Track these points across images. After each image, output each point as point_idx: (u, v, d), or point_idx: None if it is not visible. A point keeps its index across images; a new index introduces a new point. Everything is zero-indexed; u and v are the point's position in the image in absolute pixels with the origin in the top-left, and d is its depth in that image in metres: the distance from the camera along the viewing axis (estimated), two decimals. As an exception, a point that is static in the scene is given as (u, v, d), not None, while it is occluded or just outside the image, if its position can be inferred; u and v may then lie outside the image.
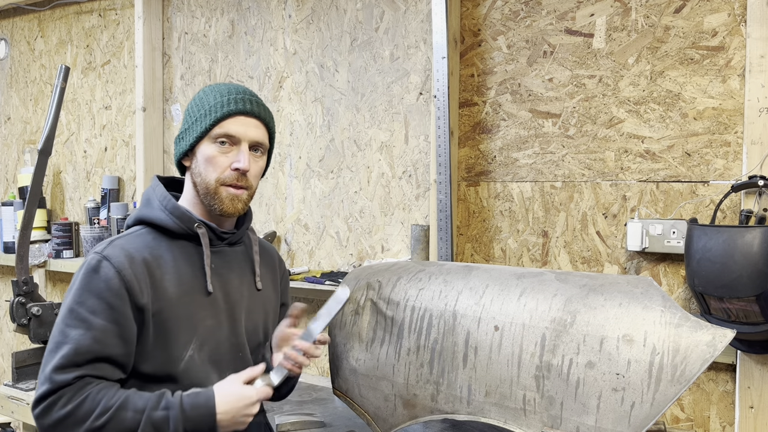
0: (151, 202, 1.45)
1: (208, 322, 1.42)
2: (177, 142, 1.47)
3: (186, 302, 1.39)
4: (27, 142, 3.62)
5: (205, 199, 1.42)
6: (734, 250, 1.66)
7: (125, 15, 3.19)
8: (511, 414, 1.41)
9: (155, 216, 1.42)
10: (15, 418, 2.43)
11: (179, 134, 1.46)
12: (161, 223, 1.41)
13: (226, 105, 1.40)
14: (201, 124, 1.40)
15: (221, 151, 1.40)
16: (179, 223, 1.41)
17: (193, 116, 1.43)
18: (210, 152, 1.40)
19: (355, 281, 1.75)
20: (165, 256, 1.39)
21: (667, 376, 1.26)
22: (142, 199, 1.48)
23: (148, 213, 1.43)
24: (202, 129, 1.40)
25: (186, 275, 1.41)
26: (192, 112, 1.44)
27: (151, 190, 1.47)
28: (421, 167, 2.38)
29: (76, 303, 1.30)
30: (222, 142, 1.40)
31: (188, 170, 1.46)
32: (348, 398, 1.71)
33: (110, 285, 1.30)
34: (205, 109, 1.41)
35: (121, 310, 1.31)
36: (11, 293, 2.54)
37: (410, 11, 2.40)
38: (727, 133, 1.88)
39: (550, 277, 1.51)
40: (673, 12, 1.95)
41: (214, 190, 1.40)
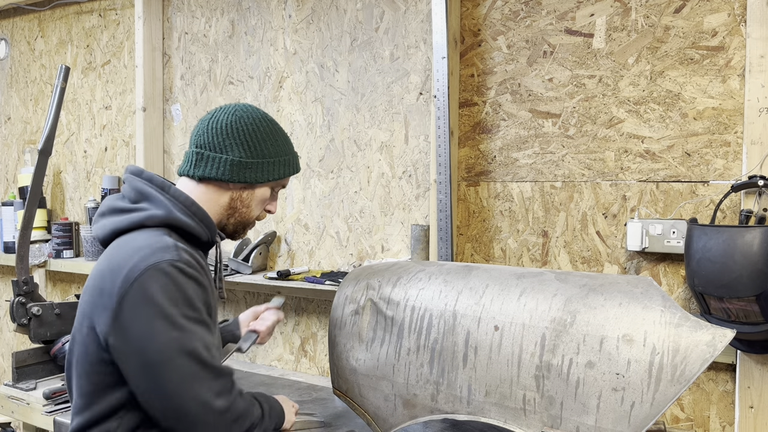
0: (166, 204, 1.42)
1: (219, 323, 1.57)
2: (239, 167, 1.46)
3: (215, 306, 1.48)
4: (27, 142, 3.62)
5: (236, 225, 1.55)
6: (734, 250, 1.66)
7: (125, 15, 3.19)
8: (511, 414, 1.41)
9: (185, 222, 1.43)
10: (15, 418, 2.43)
11: (245, 162, 1.47)
12: (192, 230, 1.44)
13: (298, 164, 1.59)
14: (278, 172, 1.52)
15: (271, 195, 1.57)
16: (207, 232, 1.47)
17: (265, 155, 1.49)
18: (267, 195, 1.55)
19: (355, 281, 1.75)
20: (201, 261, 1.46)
21: (667, 375, 1.26)
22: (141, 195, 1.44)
23: (177, 217, 1.41)
24: (278, 177, 1.53)
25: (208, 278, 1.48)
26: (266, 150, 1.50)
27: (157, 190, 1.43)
28: (421, 167, 2.38)
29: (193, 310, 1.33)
30: (276, 191, 1.58)
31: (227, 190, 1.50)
32: (348, 398, 1.71)
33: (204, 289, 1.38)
34: (284, 158, 1.53)
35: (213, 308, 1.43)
36: (11, 293, 2.54)
37: (410, 11, 2.40)
38: (727, 133, 1.89)
39: (550, 277, 1.51)
40: (673, 12, 1.95)
41: (250, 223, 1.57)
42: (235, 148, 1.46)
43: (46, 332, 2.53)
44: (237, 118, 1.47)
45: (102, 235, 1.43)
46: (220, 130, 1.46)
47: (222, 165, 1.45)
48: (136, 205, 1.43)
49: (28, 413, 2.34)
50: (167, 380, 1.26)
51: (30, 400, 2.34)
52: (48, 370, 2.56)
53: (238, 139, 1.46)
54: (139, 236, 1.37)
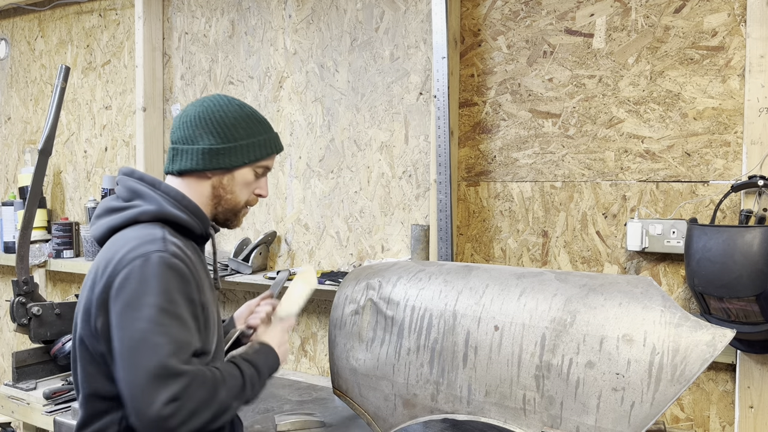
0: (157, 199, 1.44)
1: (216, 317, 1.51)
2: (211, 155, 1.47)
3: (211, 298, 1.47)
4: (27, 142, 3.62)
5: (225, 213, 1.53)
6: (734, 250, 1.66)
7: (125, 15, 3.19)
8: (511, 414, 1.41)
9: (177, 215, 1.44)
10: (15, 418, 2.43)
11: (215, 148, 1.47)
12: (184, 223, 1.45)
13: (277, 144, 1.57)
14: (254, 153, 1.51)
15: (255, 178, 1.55)
16: (199, 224, 1.48)
17: (238, 138, 1.49)
18: (250, 179, 1.53)
19: (355, 281, 1.75)
20: (190, 254, 1.44)
21: (667, 375, 1.26)
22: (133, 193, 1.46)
23: (168, 211, 1.43)
24: (255, 158, 1.51)
25: (203, 272, 1.48)
26: (237, 134, 1.49)
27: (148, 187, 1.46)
28: (421, 167, 2.38)
29: (167, 302, 1.29)
30: (260, 173, 1.55)
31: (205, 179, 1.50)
32: (348, 398, 1.71)
33: (187, 281, 1.35)
34: (258, 139, 1.52)
35: (197, 303, 1.37)
36: (11, 293, 2.54)
37: (410, 11, 2.40)
38: (727, 133, 1.89)
39: (550, 276, 1.51)
40: (673, 12, 1.95)
41: (239, 210, 1.55)
42: (205, 137, 1.48)
43: (46, 332, 2.53)
44: (204, 108, 1.50)
45: (98, 234, 1.47)
46: (189, 122, 1.49)
47: (195, 155, 1.48)
48: (130, 203, 1.46)
49: (28, 413, 2.34)
50: (128, 371, 1.25)
51: (30, 400, 2.34)
52: (48, 370, 2.56)
53: (208, 127, 1.48)
54: (131, 231, 1.40)
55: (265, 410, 2.08)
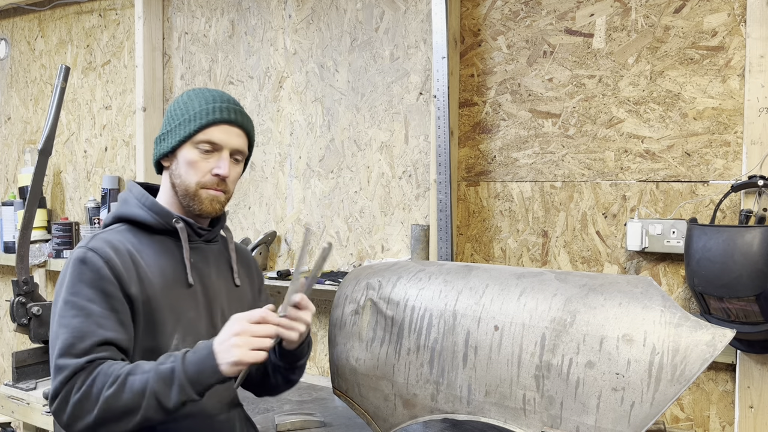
0: (128, 201, 1.49)
1: (190, 314, 1.45)
2: (157, 143, 1.50)
3: (169, 294, 1.42)
4: (27, 142, 3.62)
5: (184, 200, 1.47)
6: (734, 249, 1.66)
7: (125, 15, 3.19)
8: (511, 414, 1.41)
9: (134, 212, 1.46)
10: (15, 417, 2.43)
11: (160, 135, 1.49)
12: (140, 218, 1.46)
13: (212, 113, 1.44)
14: (185, 129, 1.44)
15: (203, 156, 1.44)
16: (158, 218, 1.46)
17: (175, 119, 1.46)
18: (192, 157, 1.44)
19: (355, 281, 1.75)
20: (146, 250, 1.43)
21: (667, 375, 1.26)
22: (119, 200, 1.52)
23: (126, 210, 1.47)
24: (186, 134, 1.44)
25: (167, 268, 1.44)
26: (175, 115, 1.47)
27: (127, 192, 1.52)
28: (421, 167, 2.38)
29: (70, 294, 1.32)
30: (204, 149, 1.44)
31: (166, 170, 1.50)
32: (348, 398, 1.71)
33: (101, 274, 1.34)
34: (190, 114, 1.45)
35: (116, 297, 1.35)
36: (11, 293, 2.54)
37: (410, 11, 2.40)
38: (726, 133, 1.89)
39: (549, 276, 1.51)
40: (672, 12, 1.95)
41: (194, 193, 1.45)
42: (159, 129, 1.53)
43: (46, 332, 2.53)
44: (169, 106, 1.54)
45: None
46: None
47: (154, 150, 1.52)
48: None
49: (28, 413, 2.34)
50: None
51: (30, 400, 2.34)
52: (48, 370, 2.56)
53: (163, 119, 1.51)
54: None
55: (265, 410, 2.08)
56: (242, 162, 1.53)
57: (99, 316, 1.31)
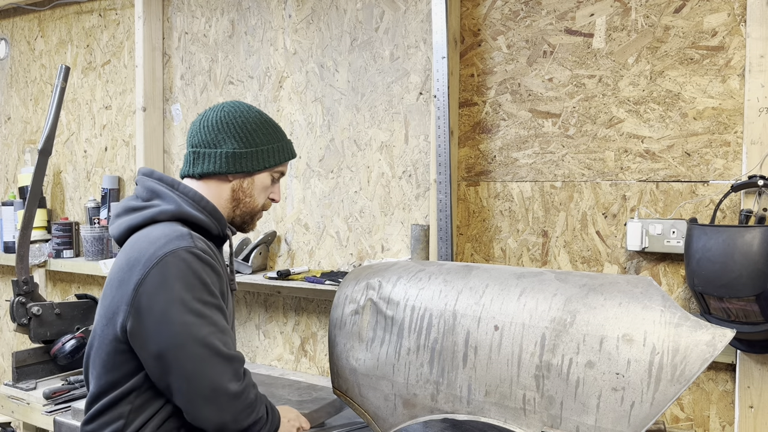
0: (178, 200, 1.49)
1: (232, 317, 1.56)
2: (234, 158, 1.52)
3: (227, 297, 1.53)
4: (27, 142, 3.62)
5: (243, 216, 1.59)
6: (734, 249, 1.66)
7: (125, 15, 3.19)
8: (511, 413, 1.41)
9: (195, 215, 1.49)
10: (15, 417, 2.43)
11: (240, 152, 1.52)
12: (202, 223, 1.50)
13: (293, 150, 1.64)
14: (276, 158, 1.57)
15: (272, 182, 1.61)
16: (217, 225, 1.53)
17: (260, 143, 1.54)
18: (267, 183, 1.60)
19: (355, 281, 1.75)
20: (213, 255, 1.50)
21: (667, 375, 1.26)
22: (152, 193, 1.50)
23: (187, 211, 1.48)
24: (274, 163, 1.57)
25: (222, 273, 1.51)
26: (259, 139, 1.54)
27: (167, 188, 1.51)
28: (421, 167, 2.38)
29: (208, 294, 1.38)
30: (275, 177, 1.61)
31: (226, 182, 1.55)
32: (348, 398, 1.71)
33: (219, 275, 1.43)
34: (278, 145, 1.58)
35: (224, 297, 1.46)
36: (11, 293, 2.54)
37: (410, 11, 2.40)
38: (726, 132, 1.89)
39: (549, 276, 1.51)
40: (672, 12, 1.95)
41: (256, 213, 1.61)
42: (228, 141, 1.52)
43: (46, 332, 2.53)
44: (226, 113, 1.55)
45: (117, 233, 1.52)
46: (211, 127, 1.53)
47: (218, 158, 1.52)
48: (149, 202, 1.50)
49: (28, 413, 2.34)
50: (181, 364, 1.33)
51: (30, 400, 2.34)
52: (48, 370, 2.56)
53: (230, 132, 1.52)
54: (153, 229, 1.44)
55: (265, 410, 2.08)
56: None
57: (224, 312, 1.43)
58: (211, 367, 1.32)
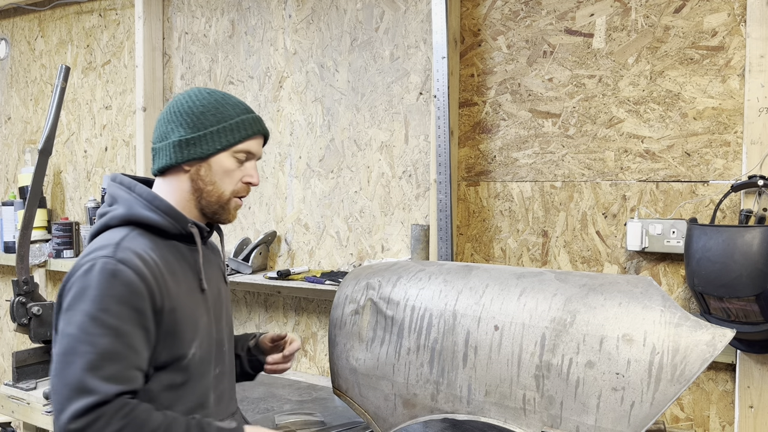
0: (132, 201, 1.43)
1: (204, 320, 1.44)
2: (182, 146, 1.43)
3: (189, 301, 1.41)
4: (27, 142, 3.62)
5: (211, 206, 1.46)
6: (734, 249, 1.66)
7: (125, 15, 3.19)
8: (511, 413, 1.41)
9: (147, 216, 1.41)
10: (15, 417, 2.43)
11: (186, 138, 1.42)
12: (155, 223, 1.41)
13: (253, 125, 1.47)
14: (227, 138, 1.44)
15: (237, 165, 1.46)
16: (174, 223, 1.42)
17: (208, 124, 1.43)
18: (229, 165, 1.45)
19: (355, 281, 1.75)
20: (166, 257, 1.40)
21: (667, 375, 1.26)
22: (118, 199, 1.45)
23: (137, 212, 1.41)
24: (229, 143, 1.44)
25: (182, 274, 1.42)
26: (207, 120, 1.43)
27: (125, 190, 1.45)
28: (421, 167, 2.38)
29: (98, 310, 1.25)
30: (241, 159, 1.46)
31: (184, 174, 1.45)
32: (348, 398, 1.71)
33: (133, 289, 1.28)
34: (230, 123, 1.44)
35: (146, 314, 1.30)
36: (11, 293, 2.54)
37: (410, 11, 2.40)
38: (726, 132, 1.89)
39: (549, 276, 1.51)
40: (672, 12, 1.95)
41: (226, 201, 1.47)
42: (176, 130, 1.44)
43: (46, 332, 2.53)
44: (175, 102, 1.47)
45: (87, 241, 1.48)
46: (161, 119, 1.47)
47: (168, 150, 1.44)
48: (110, 207, 1.45)
49: (28, 413, 2.34)
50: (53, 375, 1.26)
51: (30, 400, 2.34)
52: (48, 370, 2.55)
53: (177, 120, 1.44)
54: (99, 238, 1.40)
55: (265, 410, 2.08)
56: None
57: (130, 337, 1.27)
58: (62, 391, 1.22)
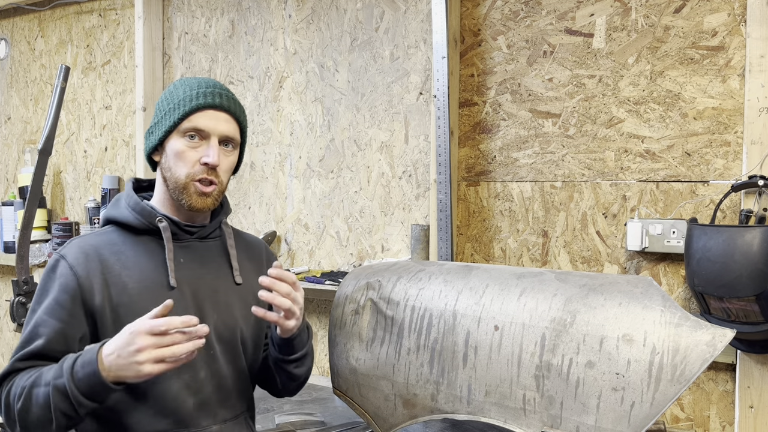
0: (119, 201, 1.48)
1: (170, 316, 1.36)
2: (146, 137, 1.46)
3: (146, 297, 1.36)
4: (27, 142, 3.62)
5: (174, 193, 1.41)
6: (734, 249, 1.66)
7: (125, 15, 3.19)
8: (511, 414, 1.41)
9: (119, 214, 1.45)
10: (15, 417, 2.43)
11: (149, 129, 1.46)
12: (124, 220, 1.44)
13: (195, 99, 1.38)
14: (170, 118, 1.39)
15: (190, 145, 1.38)
16: (140, 218, 1.42)
17: (162, 110, 1.43)
18: (179, 147, 1.38)
19: (355, 281, 1.75)
20: (127, 252, 1.40)
21: (667, 375, 1.26)
22: (113, 201, 1.51)
23: (113, 212, 1.47)
24: (171, 123, 1.39)
25: (148, 270, 1.39)
26: (161, 106, 1.43)
27: (123, 193, 1.51)
28: (421, 167, 2.38)
29: (34, 302, 1.37)
30: (191, 137, 1.38)
31: (158, 165, 1.46)
32: (348, 398, 1.71)
33: (63, 284, 1.35)
34: (174, 102, 1.40)
35: (70, 310, 1.34)
36: (11, 293, 2.54)
37: (410, 11, 2.40)
38: (727, 132, 1.89)
39: (550, 276, 1.51)
40: (673, 12, 1.95)
41: (183, 185, 1.39)
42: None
43: (46, 332, 2.53)
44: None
45: None
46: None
47: (144, 145, 1.49)
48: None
49: (28, 413, 2.34)
50: None
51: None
52: (48, 369, 2.55)
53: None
54: None
55: (266, 410, 2.08)
56: (235, 151, 1.45)
57: (42, 326, 1.33)
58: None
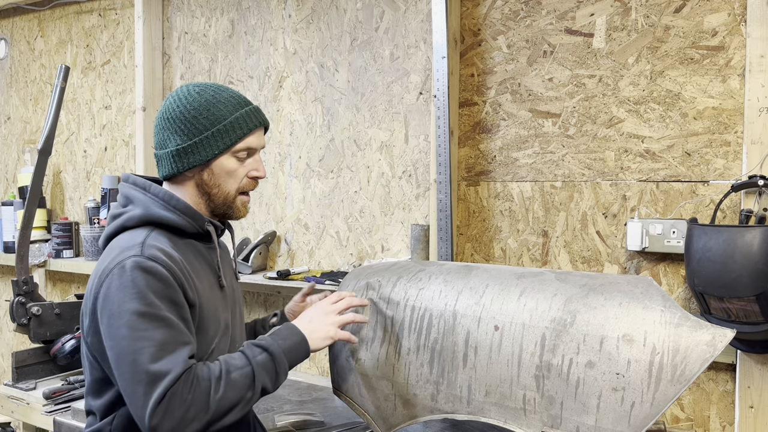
0: (148, 202, 1.42)
1: (224, 316, 1.47)
2: (180, 156, 1.41)
3: (212, 297, 1.44)
4: (27, 142, 3.62)
5: (221, 208, 1.47)
6: (734, 249, 1.66)
7: (125, 15, 3.19)
8: (511, 414, 1.41)
9: (165, 216, 1.41)
10: (15, 417, 2.43)
11: (183, 148, 1.40)
12: (173, 222, 1.41)
13: (249, 121, 1.43)
14: (223, 141, 1.41)
15: (240, 163, 1.45)
16: (192, 222, 1.44)
17: (203, 127, 1.40)
18: (231, 166, 1.44)
19: (355, 281, 1.75)
20: (187, 256, 1.41)
21: (667, 375, 1.26)
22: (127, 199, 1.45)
23: (155, 213, 1.41)
24: (225, 145, 1.41)
25: (203, 271, 1.45)
26: (200, 123, 1.40)
27: (140, 191, 1.44)
28: (421, 167, 2.38)
29: (144, 306, 1.27)
30: (242, 157, 1.45)
31: (189, 179, 1.45)
32: (348, 398, 1.71)
33: (168, 283, 1.31)
34: (224, 124, 1.41)
35: (183, 306, 1.34)
36: (11, 293, 2.54)
37: (410, 11, 2.40)
38: (727, 132, 1.88)
39: (550, 276, 1.51)
40: (673, 12, 1.95)
41: (233, 199, 1.47)
42: (171, 138, 1.41)
43: (46, 332, 2.53)
44: (166, 107, 1.44)
45: (101, 243, 1.49)
46: (157, 125, 1.45)
47: (168, 160, 1.43)
48: (125, 209, 1.45)
49: (27, 413, 2.34)
50: (120, 381, 1.29)
51: (30, 400, 2.34)
52: (48, 370, 2.56)
53: (171, 127, 1.41)
54: (118, 239, 1.40)
55: (265, 410, 2.08)
56: None
57: (177, 326, 1.29)
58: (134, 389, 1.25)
